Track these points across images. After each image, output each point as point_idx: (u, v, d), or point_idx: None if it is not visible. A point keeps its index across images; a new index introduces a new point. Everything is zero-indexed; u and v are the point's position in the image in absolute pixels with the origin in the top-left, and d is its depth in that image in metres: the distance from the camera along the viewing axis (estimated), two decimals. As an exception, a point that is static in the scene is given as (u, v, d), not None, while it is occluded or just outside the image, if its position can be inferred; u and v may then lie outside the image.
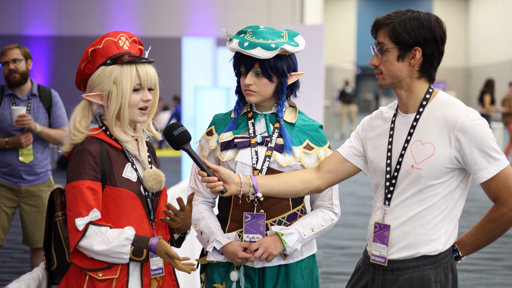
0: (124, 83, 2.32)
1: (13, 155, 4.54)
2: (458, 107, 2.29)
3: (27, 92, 4.60)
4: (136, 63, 2.35)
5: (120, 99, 2.33)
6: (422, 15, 2.30)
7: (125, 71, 2.33)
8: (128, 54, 2.37)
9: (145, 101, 2.37)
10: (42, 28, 18.88)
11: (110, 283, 2.29)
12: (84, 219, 2.23)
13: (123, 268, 2.32)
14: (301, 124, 2.68)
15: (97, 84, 2.35)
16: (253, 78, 2.57)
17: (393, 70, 2.33)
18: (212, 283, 2.65)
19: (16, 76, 4.52)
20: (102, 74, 2.34)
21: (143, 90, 2.37)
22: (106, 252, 2.24)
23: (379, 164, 2.42)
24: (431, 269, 2.30)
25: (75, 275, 2.32)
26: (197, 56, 8.72)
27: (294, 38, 2.59)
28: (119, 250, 2.25)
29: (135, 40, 2.45)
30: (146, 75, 2.36)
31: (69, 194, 2.27)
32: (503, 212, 2.26)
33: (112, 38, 2.38)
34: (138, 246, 2.27)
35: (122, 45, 2.38)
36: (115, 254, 2.25)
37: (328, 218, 2.67)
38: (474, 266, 6.10)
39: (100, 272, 2.28)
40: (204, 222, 2.64)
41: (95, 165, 2.28)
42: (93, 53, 2.36)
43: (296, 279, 2.63)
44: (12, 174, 4.56)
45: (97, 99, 2.36)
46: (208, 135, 2.70)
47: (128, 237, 2.26)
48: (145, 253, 2.28)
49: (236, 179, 2.43)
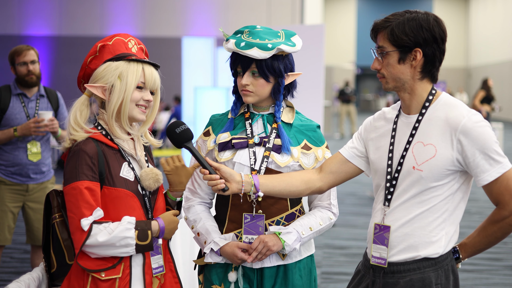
0: (129, 78, 2.34)
1: (22, 154, 4.59)
2: (461, 109, 2.28)
3: (35, 93, 4.67)
4: (143, 63, 2.38)
5: (123, 93, 2.34)
6: (420, 16, 2.29)
7: (132, 67, 2.36)
8: (135, 56, 2.40)
9: (145, 101, 2.38)
10: (42, 28, 18.88)
11: (113, 283, 2.29)
12: (89, 219, 2.23)
13: (126, 267, 2.32)
14: (299, 124, 2.67)
15: (101, 77, 2.37)
16: (249, 78, 2.57)
17: (395, 73, 2.33)
18: (210, 285, 2.65)
19: (33, 77, 4.61)
20: (108, 68, 2.36)
21: (145, 89, 2.39)
22: (112, 240, 2.23)
23: (380, 164, 2.41)
24: (432, 271, 2.29)
25: (77, 275, 2.31)
26: (197, 56, 8.73)
27: (291, 38, 2.59)
28: (124, 235, 2.24)
29: (142, 48, 2.49)
30: (152, 76, 2.39)
31: (69, 195, 2.26)
32: (505, 215, 2.25)
33: (122, 38, 2.42)
34: (142, 228, 2.27)
35: (131, 48, 2.43)
36: (122, 241, 2.24)
37: (326, 217, 2.67)
38: (474, 266, 6.09)
39: (103, 272, 2.28)
40: (201, 224, 2.64)
41: (92, 165, 2.29)
42: (102, 48, 2.39)
43: (294, 280, 2.63)
44: (20, 173, 4.62)
45: (98, 91, 2.37)
46: (205, 135, 2.70)
47: (130, 221, 2.27)
48: (149, 234, 2.28)
49: (237, 178, 2.42)
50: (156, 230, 2.34)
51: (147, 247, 2.30)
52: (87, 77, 2.44)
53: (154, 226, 2.34)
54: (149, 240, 2.29)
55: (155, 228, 2.34)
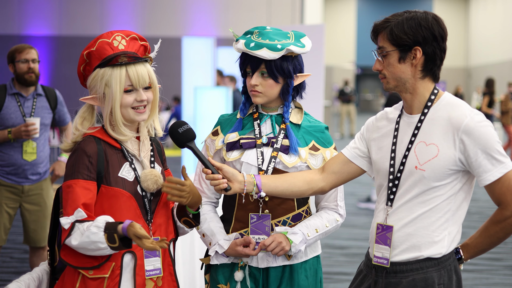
0: (114, 86, 2.32)
1: (18, 154, 4.58)
2: (463, 109, 2.28)
3: (32, 92, 4.66)
4: (127, 65, 2.33)
5: (111, 101, 2.33)
6: (419, 15, 2.30)
7: (115, 73, 2.32)
8: (123, 54, 2.35)
9: (139, 101, 2.36)
10: (42, 28, 18.87)
11: (102, 282, 2.29)
12: (69, 218, 2.23)
13: (116, 268, 2.31)
14: (307, 125, 2.67)
15: (92, 87, 2.37)
16: (259, 78, 2.56)
17: (395, 73, 2.32)
18: (216, 284, 2.65)
19: (32, 76, 4.61)
20: (96, 78, 2.35)
21: (136, 90, 2.36)
22: (82, 244, 2.20)
23: (382, 164, 2.41)
24: (435, 271, 2.29)
25: (69, 273, 2.32)
26: (197, 56, 8.72)
27: (300, 39, 2.59)
28: (93, 239, 2.19)
29: (135, 37, 2.42)
30: (137, 75, 2.34)
31: (64, 192, 2.29)
32: (507, 215, 2.25)
33: (105, 40, 2.36)
34: (109, 232, 2.21)
35: (117, 45, 2.37)
36: (92, 245, 2.20)
37: (333, 219, 2.67)
38: (474, 266, 6.09)
39: (91, 271, 2.28)
40: (206, 225, 2.64)
41: (89, 165, 2.29)
42: (88, 56, 2.37)
43: (300, 280, 2.63)
44: (16, 174, 4.60)
45: (94, 101, 2.38)
46: (214, 135, 2.70)
47: (98, 225, 2.21)
48: (116, 238, 2.20)
49: (239, 178, 2.43)
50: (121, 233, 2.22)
51: (120, 247, 2.23)
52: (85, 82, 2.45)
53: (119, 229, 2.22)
54: (118, 243, 2.21)
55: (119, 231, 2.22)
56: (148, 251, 2.37)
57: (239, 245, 2.54)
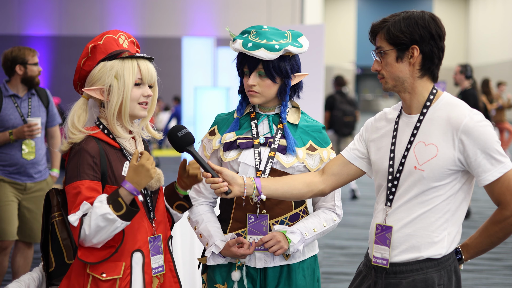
0: (126, 77, 2.33)
1: (18, 154, 4.63)
2: (462, 109, 2.28)
3: (27, 92, 4.71)
4: (138, 58, 2.36)
5: (122, 93, 2.33)
6: (416, 14, 2.30)
7: (127, 65, 2.34)
8: (128, 51, 2.39)
9: (145, 96, 2.38)
10: (42, 28, 18.87)
11: (114, 283, 2.28)
12: (76, 214, 2.21)
13: (127, 267, 2.31)
14: (304, 125, 2.67)
15: (97, 78, 2.35)
16: (256, 79, 2.56)
17: (393, 72, 2.33)
18: (213, 284, 2.65)
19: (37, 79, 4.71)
20: (103, 69, 2.34)
21: (143, 85, 2.38)
22: (94, 227, 2.17)
23: (381, 165, 2.41)
24: (435, 272, 2.29)
25: (77, 275, 2.30)
26: (197, 56, 8.72)
27: (298, 39, 2.58)
28: (99, 213, 2.17)
29: (133, 41, 2.47)
30: (148, 70, 2.37)
31: (70, 195, 2.26)
32: (506, 215, 2.24)
33: (112, 36, 2.40)
34: (113, 199, 2.20)
35: (122, 43, 2.40)
36: (103, 221, 2.17)
37: (330, 219, 2.67)
38: (474, 266, 6.09)
39: (104, 273, 2.27)
40: (203, 225, 2.64)
41: (94, 165, 2.28)
42: (93, 49, 2.37)
43: (298, 280, 2.63)
44: (19, 172, 4.67)
45: (97, 94, 2.36)
46: (211, 135, 2.69)
47: (100, 199, 2.21)
48: (122, 201, 2.20)
49: (239, 181, 2.42)
50: (125, 194, 2.23)
51: (130, 212, 2.21)
52: (82, 79, 2.43)
53: (122, 191, 2.23)
54: (125, 208, 2.20)
55: (123, 193, 2.23)
56: (152, 249, 2.38)
57: (232, 246, 2.54)
